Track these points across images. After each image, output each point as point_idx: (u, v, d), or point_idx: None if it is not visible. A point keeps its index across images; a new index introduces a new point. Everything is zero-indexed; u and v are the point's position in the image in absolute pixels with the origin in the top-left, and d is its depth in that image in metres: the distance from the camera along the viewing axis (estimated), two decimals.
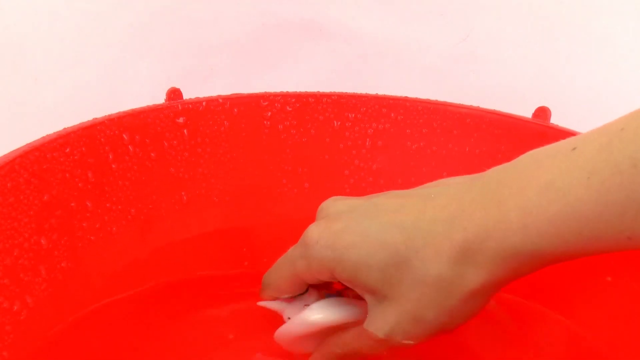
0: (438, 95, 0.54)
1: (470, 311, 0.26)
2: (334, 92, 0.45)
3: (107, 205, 0.38)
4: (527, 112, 0.42)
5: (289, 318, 0.29)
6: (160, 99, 0.41)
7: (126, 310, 0.36)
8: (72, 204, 0.35)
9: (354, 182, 0.46)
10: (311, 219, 0.45)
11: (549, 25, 0.57)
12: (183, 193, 0.42)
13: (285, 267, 0.30)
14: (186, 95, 0.42)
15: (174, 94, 0.41)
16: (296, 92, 0.44)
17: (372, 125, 0.45)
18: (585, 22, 0.57)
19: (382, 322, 0.27)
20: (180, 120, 0.41)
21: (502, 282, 0.25)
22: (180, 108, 0.41)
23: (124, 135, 0.38)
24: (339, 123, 0.45)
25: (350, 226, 0.27)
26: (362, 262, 0.26)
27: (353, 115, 0.45)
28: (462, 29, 0.57)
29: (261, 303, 0.30)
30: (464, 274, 0.25)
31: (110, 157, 0.38)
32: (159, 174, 0.40)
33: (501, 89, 0.58)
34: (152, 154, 0.40)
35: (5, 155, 0.31)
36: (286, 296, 0.30)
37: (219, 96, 0.42)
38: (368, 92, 0.45)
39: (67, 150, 0.35)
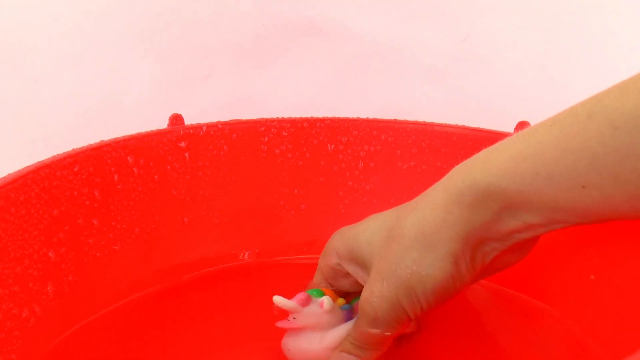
0: (437, 94, 0.55)
1: (436, 264, 0.26)
2: (327, 117, 0.47)
3: (112, 223, 0.39)
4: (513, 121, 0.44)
5: (294, 318, 0.31)
6: (160, 99, 0.42)
7: (129, 318, 0.37)
8: (79, 221, 0.37)
9: (348, 202, 0.47)
10: (308, 239, 0.47)
11: (542, 31, 0.59)
12: (184, 214, 0.43)
13: (317, 273, 0.34)
14: (187, 95, 0.44)
15: (176, 119, 0.44)
16: (291, 117, 0.47)
17: (364, 148, 0.47)
18: (575, 33, 0.58)
19: (365, 292, 0.28)
20: (182, 144, 0.43)
21: (464, 226, 0.25)
22: (182, 133, 0.43)
23: (129, 158, 0.41)
24: (332, 146, 0.47)
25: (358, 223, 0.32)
26: (356, 236, 0.30)
27: (346, 139, 0.47)
28: (462, 29, 0.58)
29: (276, 298, 0.30)
30: (427, 221, 0.26)
31: (116, 177, 0.40)
32: (162, 196, 0.42)
33: (494, 93, 0.59)
34: (156, 176, 0.42)
35: (18, 171, 0.33)
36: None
37: (219, 122, 0.45)
38: (368, 92, 0.47)
39: (76, 169, 0.37)
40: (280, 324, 0.31)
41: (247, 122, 0.46)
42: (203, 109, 0.45)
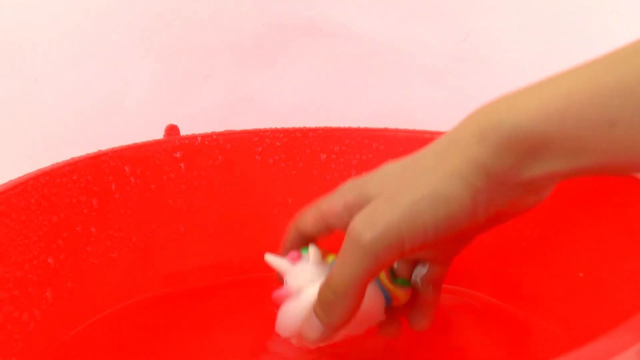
0: (437, 94, 0.55)
1: (453, 190, 0.24)
2: (319, 126, 0.48)
3: (110, 231, 0.40)
4: None
5: (287, 282, 0.30)
6: (160, 99, 0.42)
7: (126, 323, 0.37)
8: (78, 228, 0.38)
9: None
10: None
11: (542, 31, 0.58)
12: (180, 223, 0.44)
13: (312, 209, 0.32)
14: (187, 95, 0.44)
15: (172, 130, 0.45)
16: (284, 127, 0.48)
17: (356, 157, 0.48)
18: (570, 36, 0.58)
19: (358, 214, 0.26)
20: (178, 154, 0.44)
21: (485, 167, 0.24)
22: (177, 143, 0.44)
23: (126, 168, 0.41)
24: (325, 156, 0.48)
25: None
26: (368, 179, 0.28)
27: (338, 148, 0.48)
28: (462, 29, 0.58)
29: (268, 256, 0.30)
30: (446, 153, 0.25)
31: (113, 186, 0.41)
32: (158, 205, 0.43)
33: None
34: (152, 186, 0.43)
35: (18, 178, 0.34)
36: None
37: (213, 132, 0.46)
38: (368, 92, 0.47)
39: (75, 177, 0.38)
40: (275, 293, 0.30)
41: (241, 132, 0.47)
42: (203, 109, 0.45)
